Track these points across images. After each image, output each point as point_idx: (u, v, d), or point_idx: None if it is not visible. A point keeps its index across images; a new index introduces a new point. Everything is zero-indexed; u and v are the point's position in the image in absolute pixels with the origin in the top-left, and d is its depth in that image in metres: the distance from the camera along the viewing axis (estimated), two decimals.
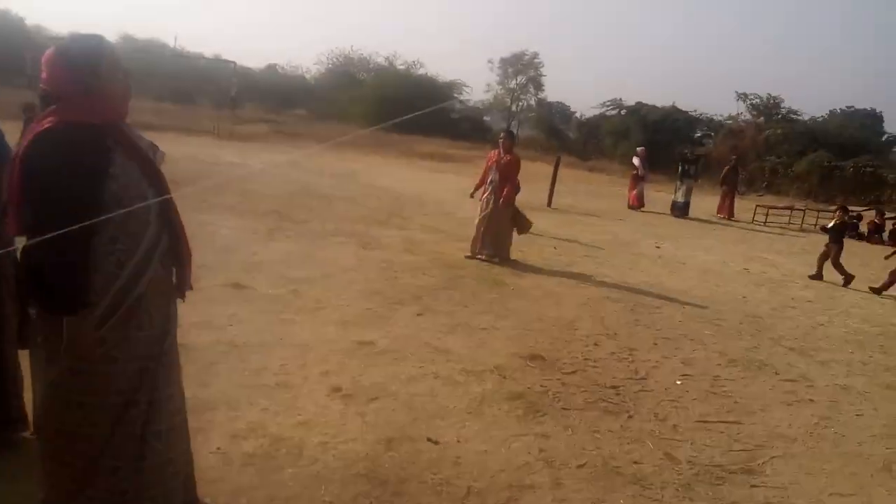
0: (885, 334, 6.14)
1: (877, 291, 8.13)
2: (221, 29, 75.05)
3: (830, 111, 34.27)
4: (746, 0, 58.65)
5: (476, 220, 7.19)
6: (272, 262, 5.81)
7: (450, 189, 11.43)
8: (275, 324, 4.16)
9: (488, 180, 7.26)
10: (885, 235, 14.01)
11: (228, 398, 3.07)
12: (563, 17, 75.38)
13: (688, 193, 14.04)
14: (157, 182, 1.77)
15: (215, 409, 2.95)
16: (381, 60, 41.67)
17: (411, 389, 3.42)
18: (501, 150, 7.43)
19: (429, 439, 2.91)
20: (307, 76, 43.66)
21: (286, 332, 4.10)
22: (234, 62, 28.11)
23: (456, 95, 37.97)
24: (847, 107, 34.40)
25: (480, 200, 7.30)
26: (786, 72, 57.23)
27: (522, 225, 7.76)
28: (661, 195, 15.80)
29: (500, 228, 7.24)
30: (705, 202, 15.82)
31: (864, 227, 14.60)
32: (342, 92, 36.49)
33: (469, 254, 7.22)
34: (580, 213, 12.96)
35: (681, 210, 13.92)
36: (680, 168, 14.68)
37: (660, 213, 14.14)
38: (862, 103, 33.93)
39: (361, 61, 42.06)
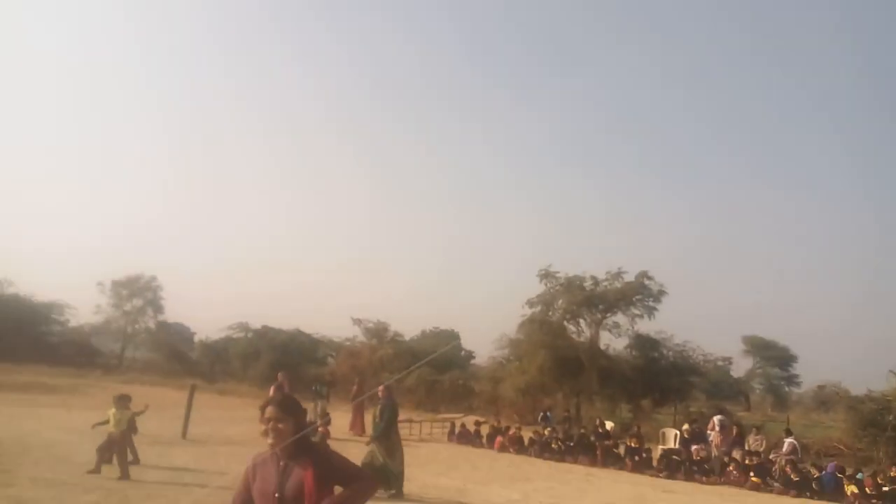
0: None
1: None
2: None
3: (422, 331, 45.33)
4: (351, 243, 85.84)
5: None
6: None
7: (60, 427, 10.77)
8: None
9: None
10: (484, 439, 18.81)
11: None
12: (180, 239, 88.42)
13: (322, 412, 15.73)
14: None
15: None
16: None
17: None
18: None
19: None
20: None
21: None
22: None
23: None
24: (433, 328, 44.92)
25: None
26: (386, 299, 75.89)
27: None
28: None
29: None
30: (337, 419, 17.79)
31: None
32: None
33: None
34: (220, 443, 13.40)
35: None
36: (313, 389, 17.27)
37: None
38: (444, 325, 45.46)
39: None
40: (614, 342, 30.66)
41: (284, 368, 17.88)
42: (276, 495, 2.62)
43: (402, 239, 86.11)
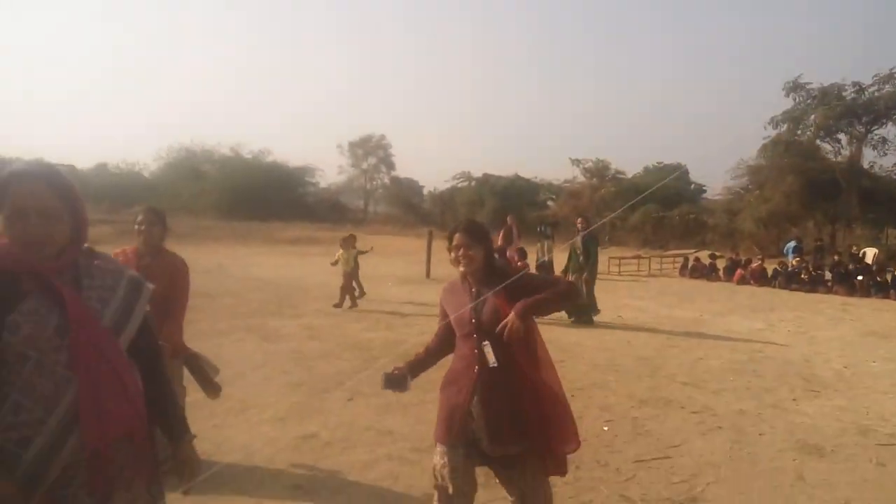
0: (752, 360, 7.54)
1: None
2: (40, 129, 77.53)
3: (644, 168, 42.01)
4: (567, 80, 78.99)
5: None
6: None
7: (328, 272, 11.92)
8: (207, 430, 4.27)
9: None
10: (721, 272, 18.34)
11: None
12: (407, 100, 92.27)
13: (549, 252, 14.93)
14: (85, 328, 1.65)
15: None
16: (225, 151, 44.74)
17: (371, 475, 3.98)
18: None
19: None
20: (145, 173, 46.13)
21: (223, 438, 4.45)
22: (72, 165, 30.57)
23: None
24: (657, 163, 41.90)
25: None
26: (606, 136, 68.17)
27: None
28: None
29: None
30: (561, 258, 16.65)
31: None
32: (186, 185, 39.43)
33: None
34: None
35: (546, 268, 14.66)
36: (539, 230, 16.86)
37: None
38: (668, 159, 41.47)
39: (204, 153, 45.00)
40: (881, 160, 26.59)
41: (511, 212, 18.66)
42: (473, 321, 2.60)
43: (615, 70, 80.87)
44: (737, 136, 68.24)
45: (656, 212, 32.89)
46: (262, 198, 37.83)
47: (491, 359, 2.55)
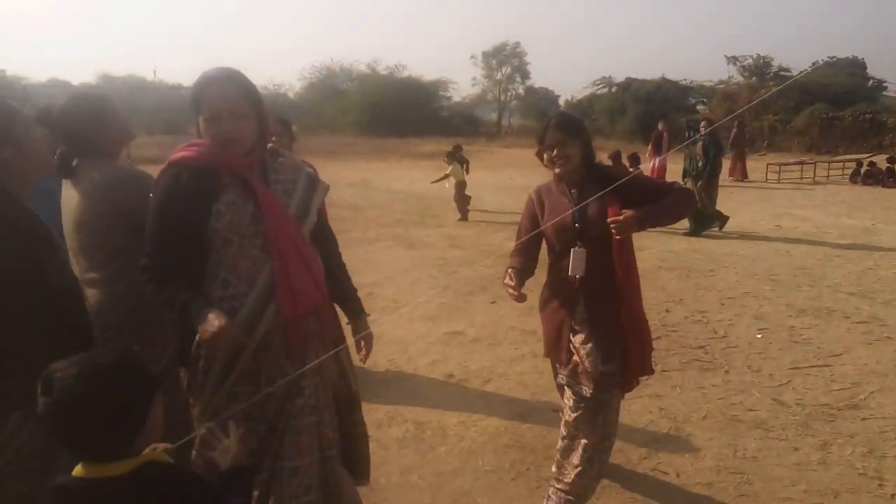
0: None
1: None
2: (196, 58, 79.70)
3: (812, 63, 36.10)
4: None
5: None
6: None
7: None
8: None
9: None
10: None
11: None
12: (543, 4, 71.96)
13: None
14: (275, 216, 1.87)
15: None
16: (363, 68, 44.55)
17: (517, 369, 4.25)
18: None
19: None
20: (290, 94, 46.75)
21: (380, 332, 4.78)
22: None
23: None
24: (830, 57, 37.30)
25: None
26: (767, 30, 50.54)
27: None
28: (670, 165, 15.07)
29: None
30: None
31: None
32: (328, 104, 40.26)
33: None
34: None
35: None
36: (687, 135, 15.37)
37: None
38: (842, 52, 33.86)
39: (343, 71, 45.32)
40: None
41: (661, 119, 17.61)
42: (577, 226, 2.38)
43: None
44: None
45: (825, 112, 29.52)
46: (399, 114, 38.44)
47: (574, 268, 2.37)
